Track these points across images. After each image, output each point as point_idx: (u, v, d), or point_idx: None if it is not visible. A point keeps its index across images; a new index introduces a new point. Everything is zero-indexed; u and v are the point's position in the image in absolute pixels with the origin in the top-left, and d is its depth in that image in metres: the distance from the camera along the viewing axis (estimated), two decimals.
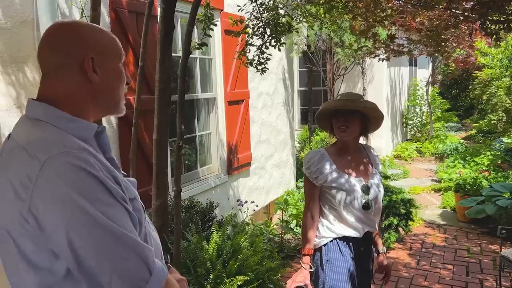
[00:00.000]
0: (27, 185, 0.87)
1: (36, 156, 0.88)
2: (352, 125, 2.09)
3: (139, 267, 0.90)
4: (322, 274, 2.12)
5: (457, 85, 17.16)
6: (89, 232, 0.86)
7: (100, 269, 0.86)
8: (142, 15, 3.20)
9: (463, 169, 7.44)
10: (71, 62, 1.00)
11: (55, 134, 0.95)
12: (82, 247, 0.86)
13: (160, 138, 2.70)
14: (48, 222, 0.86)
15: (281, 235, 4.55)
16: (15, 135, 1.00)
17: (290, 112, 6.46)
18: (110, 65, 1.05)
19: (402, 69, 11.19)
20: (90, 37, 1.03)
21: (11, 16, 2.56)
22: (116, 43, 1.08)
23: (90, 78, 1.01)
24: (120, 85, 1.09)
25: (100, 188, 0.89)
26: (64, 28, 1.04)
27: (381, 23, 3.70)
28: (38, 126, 0.97)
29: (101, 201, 0.88)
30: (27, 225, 0.88)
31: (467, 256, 4.57)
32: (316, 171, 2.10)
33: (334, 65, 7.58)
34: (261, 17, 3.18)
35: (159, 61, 2.59)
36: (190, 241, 2.93)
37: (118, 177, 0.98)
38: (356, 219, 2.12)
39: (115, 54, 1.07)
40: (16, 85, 2.62)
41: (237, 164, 4.93)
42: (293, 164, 6.56)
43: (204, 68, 4.63)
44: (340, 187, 2.08)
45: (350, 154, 2.19)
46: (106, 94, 1.06)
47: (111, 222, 0.88)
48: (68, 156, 0.88)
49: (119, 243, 0.88)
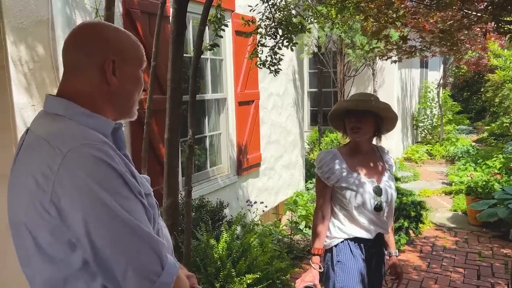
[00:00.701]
0: (48, 176, 0.89)
1: (58, 148, 0.90)
2: (365, 125, 2.07)
3: (153, 260, 0.91)
4: (333, 275, 2.11)
5: (469, 87, 17.01)
6: (107, 223, 0.88)
7: (115, 261, 0.88)
8: (154, 16, 3.23)
9: (475, 172, 7.37)
10: (92, 63, 1.02)
11: (76, 128, 0.97)
12: (99, 238, 0.87)
13: (172, 137, 2.72)
14: (68, 212, 0.88)
15: (291, 236, 4.55)
16: (35, 129, 1.02)
17: (300, 113, 6.45)
18: (130, 70, 1.07)
19: (413, 71, 11.11)
20: (113, 40, 1.05)
21: (27, 16, 2.60)
22: (139, 49, 1.10)
23: (108, 80, 1.03)
24: (136, 91, 1.11)
25: (119, 181, 0.91)
26: (88, 29, 1.07)
27: (393, 24, 3.69)
28: (59, 120, 0.99)
29: (119, 194, 0.90)
30: (47, 216, 0.90)
31: (478, 260, 4.52)
32: (328, 171, 2.08)
33: (345, 66, 7.56)
34: (273, 17, 3.19)
35: (171, 61, 2.62)
36: (200, 240, 2.94)
37: (135, 172, 1.01)
38: (368, 221, 2.10)
39: (136, 60, 1.09)
40: (32, 84, 2.66)
41: (246, 164, 4.94)
42: (302, 165, 6.55)
43: (215, 69, 4.65)
44: (351, 188, 2.06)
45: (362, 155, 2.17)
46: (121, 97, 1.08)
47: (129, 214, 0.89)
48: (90, 148, 0.90)
49: (135, 236, 0.90)
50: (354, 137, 2.12)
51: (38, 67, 2.68)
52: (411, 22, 4.01)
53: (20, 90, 2.59)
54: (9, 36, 2.47)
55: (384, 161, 2.24)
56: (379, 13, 3.58)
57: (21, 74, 2.60)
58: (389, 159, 2.28)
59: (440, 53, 4.41)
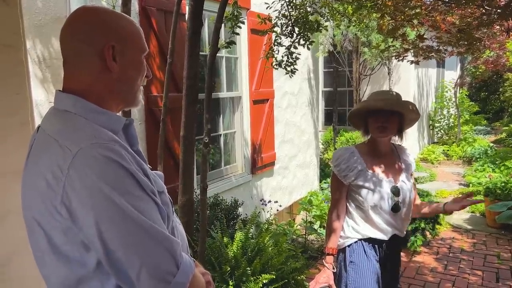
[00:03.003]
0: (59, 177, 0.87)
1: (68, 147, 0.88)
2: (391, 125, 2.03)
3: (167, 260, 0.89)
4: (345, 275, 2.08)
5: (487, 87, 16.70)
6: (118, 224, 0.86)
7: (129, 262, 0.86)
8: (170, 13, 3.23)
9: (493, 173, 7.22)
10: (91, 49, 0.97)
11: (85, 126, 0.94)
12: (112, 239, 0.85)
13: (187, 135, 2.71)
14: (79, 214, 0.86)
15: (305, 236, 4.52)
16: (45, 127, 0.99)
17: (315, 113, 6.41)
18: (131, 54, 1.02)
19: (429, 70, 10.95)
20: (113, 24, 1.00)
21: (45, 13, 2.63)
22: (140, 34, 1.05)
23: (109, 66, 0.98)
24: (139, 77, 1.06)
25: (131, 180, 0.88)
26: (87, 13, 1.01)
27: (410, 22, 3.62)
28: (68, 117, 0.96)
29: (131, 194, 0.88)
30: (59, 217, 0.88)
31: (497, 262, 4.42)
32: (345, 169, 2.05)
33: (361, 65, 7.48)
34: (290, 15, 3.16)
35: (186, 59, 2.61)
36: (215, 238, 2.94)
37: (147, 170, 0.98)
38: (384, 221, 2.06)
39: (137, 45, 1.04)
40: (50, 81, 2.69)
41: (261, 163, 4.93)
42: (316, 164, 6.50)
43: (230, 67, 4.64)
44: (368, 187, 2.02)
45: (381, 154, 2.13)
46: (124, 84, 1.03)
47: (141, 215, 0.87)
48: (100, 147, 0.88)
49: (148, 236, 0.87)
50: (379, 136, 2.07)
51: (56, 64, 2.71)
52: (428, 21, 3.94)
53: (38, 87, 2.62)
54: (27, 33, 2.50)
55: (403, 160, 2.19)
56: (396, 11, 3.53)
57: (39, 71, 2.63)
58: (408, 157, 2.23)
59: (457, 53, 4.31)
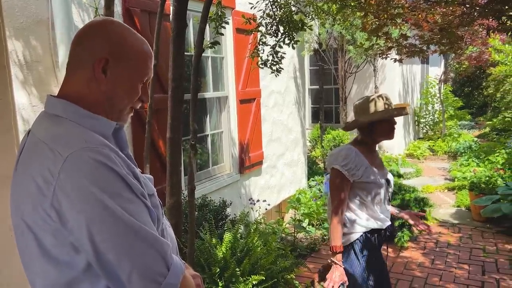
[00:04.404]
0: (49, 181, 0.88)
1: (58, 151, 0.89)
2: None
3: (158, 262, 0.90)
4: (359, 268, 2.18)
5: (470, 82, 16.95)
6: (109, 227, 0.87)
7: (119, 264, 0.87)
8: (154, 14, 3.21)
9: (478, 167, 7.34)
10: (89, 57, 1.00)
11: (76, 130, 0.96)
12: (102, 242, 0.86)
13: (174, 136, 2.70)
14: (69, 217, 0.87)
15: (294, 234, 4.54)
16: (35, 131, 1.00)
17: (302, 111, 6.43)
18: (125, 74, 1.02)
19: (414, 67, 11.07)
20: (115, 39, 1.01)
21: (27, 16, 2.58)
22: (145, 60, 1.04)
23: (96, 76, 0.99)
24: (128, 99, 1.05)
25: (121, 183, 0.90)
26: (93, 25, 1.04)
27: (393, 21, 3.65)
28: (58, 122, 0.98)
29: (121, 197, 0.89)
30: (49, 220, 0.89)
31: (483, 256, 4.50)
32: (354, 167, 2.17)
33: (346, 63, 7.53)
34: (274, 14, 3.16)
35: (172, 59, 2.60)
36: (204, 240, 2.93)
37: (137, 173, 0.99)
38: (382, 212, 2.26)
39: (135, 68, 1.03)
40: (32, 84, 2.65)
41: (248, 162, 4.93)
42: (304, 162, 6.53)
43: (216, 67, 4.63)
44: (375, 182, 2.20)
45: (373, 151, 2.35)
46: (109, 99, 1.02)
47: (131, 217, 0.89)
48: (90, 151, 0.89)
49: (139, 238, 0.89)
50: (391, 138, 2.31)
51: (38, 67, 2.67)
52: (410, 19, 3.98)
53: (20, 91, 2.58)
54: (9, 36, 2.46)
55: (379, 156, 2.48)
56: (379, 10, 3.55)
57: (21, 74, 2.58)
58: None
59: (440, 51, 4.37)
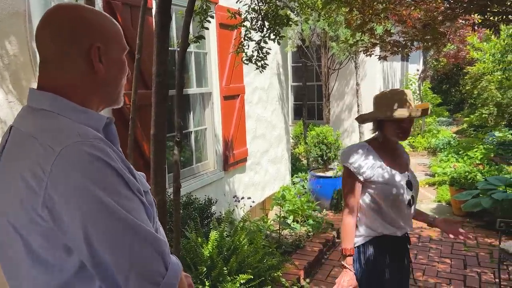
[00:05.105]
0: (40, 177, 0.82)
1: (50, 146, 0.83)
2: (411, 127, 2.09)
3: (156, 261, 0.86)
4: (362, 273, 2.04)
5: (448, 79, 17.28)
6: (106, 225, 0.82)
7: (117, 264, 0.83)
8: (136, 8, 3.13)
9: (457, 163, 7.48)
10: (75, 49, 0.94)
11: (67, 124, 0.90)
12: (99, 241, 0.82)
13: (158, 133, 2.63)
14: (63, 215, 0.82)
15: (279, 231, 4.52)
16: (20, 125, 0.94)
17: (285, 107, 6.42)
18: (115, 55, 1.00)
19: (394, 63, 11.21)
20: (97, 24, 0.97)
21: (2, 8, 2.47)
22: (121, 33, 1.04)
23: (95, 68, 0.96)
24: (123, 76, 1.05)
25: (118, 179, 0.85)
26: (68, 12, 0.96)
27: (378, 17, 3.66)
28: (46, 116, 0.92)
29: (118, 193, 0.84)
30: (39, 220, 0.83)
31: (464, 250, 4.58)
32: (364, 165, 2.00)
33: (329, 60, 7.54)
34: (260, 9, 3.12)
35: (156, 54, 2.52)
36: (190, 239, 2.87)
37: (132, 169, 0.95)
38: (398, 216, 2.03)
39: (120, 45, 1.02)
40: (8, 79, 2.54)
41: (233, 159, 4.88)
42: (288, 159, 6.52)
43: (199, 63, 4.56)
44: (387, 182, 1.99)
45: (393, 149, 2.12)
46: (109, 85, 1.01)
47: (129, 214, 0.84)
48: (84, 145, 0.84)
49: (137, 237, 0.84)
50: (402, 139, 2.09)
51: (15, 62, 2.56)
52: (394, 16, 4.00)
53: None
54: None
55: (405, 153, 2.20)
56: (364, 5, 3.55)
57: None
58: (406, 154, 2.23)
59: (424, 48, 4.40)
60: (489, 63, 7.73)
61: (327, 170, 6.28)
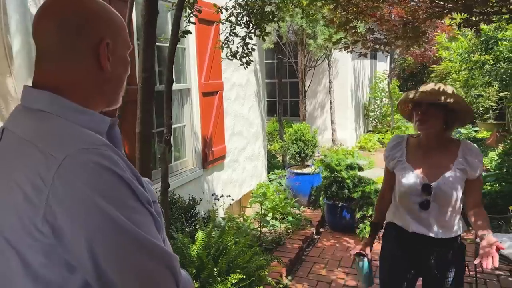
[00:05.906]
0: (40, 188, 0.74)
1: (51, 153, 0.75)
2: (432, 118, 1.94)
3: (167, 279, 0.80)
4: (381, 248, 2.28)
5: (413, 77, 17.79)
6: (114, 242, 0.74)
7: (125, 283, 0.76)
8: (122, 2, 3.00)
9: None
10: (83, 44, 0.87)
11: (70, 128, 0.82)
12: (106, 259, 0.74)
13: (144, 131, 2.54)
14: (66, 231, 0.74)
15: (259, 229, 4.49)
16: (14, 128, 0.85)
17: (262, 104, 6.39)
18: (121, 52, 0.94)
19: (364, 62, 11.41)
20: (105, 17, 0.90)
21: None
22: (126, 29, 0.97)
23: (103, 65, 0.89)
24: (126, 75, 0.99)
25: (127, 191, 0.78)
26: (74, 2, 0.88)
27: (361, 15, 3.68)
28: (44, 118, 0.83)
29: (128, 207, 0.77)
30: (39, 235, 0.75)
31: None
32: (388, 156, 2.17)
33: (305, 57, 7.57)
34: (247, 5, 3.07)
35: (142, 49, 2.43)
36: (177, 239, 2.80)
37: (140, 177, 0.87)
38: (409, 214, 2.05)
39: (126, 42, 0.97)
40: None
41: (212, 157, 4.81)
42: (264, 156, 6.50)
43: (178, 58, 4.44)
44: (401, 178, 2.07)
45: (428, 149, 2.04)
46: (113, 84, 0.95)
47: (139, 230, 0.77)
48: (90, 153, 0.76)
49: (147, 254, 0.77)
50: (419, 129, 2.01)
51: None
52: (375, 14, 4.04)
53: None
54: None
55: (462, 159, 1.98)
56: (349, 3, 3.56)
57: None
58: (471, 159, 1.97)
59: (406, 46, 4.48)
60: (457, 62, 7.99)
61: (304, 167, 6.31)
